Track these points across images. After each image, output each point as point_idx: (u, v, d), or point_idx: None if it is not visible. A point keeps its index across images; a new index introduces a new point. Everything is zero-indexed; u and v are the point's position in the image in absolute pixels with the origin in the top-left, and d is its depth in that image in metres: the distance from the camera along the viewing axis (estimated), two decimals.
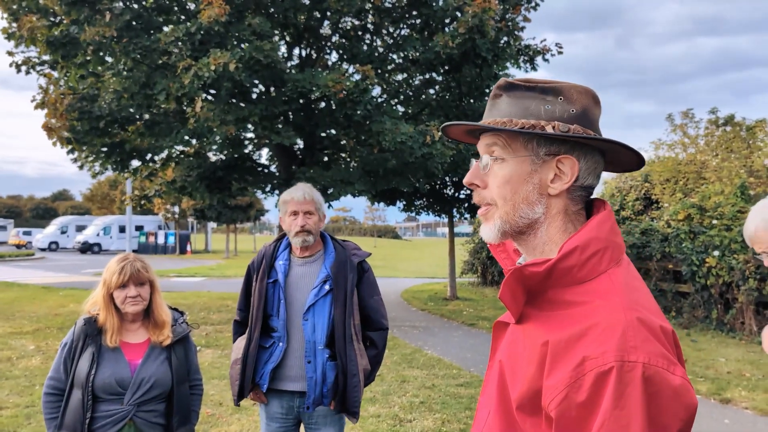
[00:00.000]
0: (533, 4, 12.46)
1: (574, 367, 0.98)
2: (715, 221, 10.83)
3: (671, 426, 0.94)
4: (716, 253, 10.35)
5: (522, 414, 1.07)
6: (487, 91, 12.84)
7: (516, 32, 11.94)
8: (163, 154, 13.61)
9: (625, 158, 1.18)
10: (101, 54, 11.21)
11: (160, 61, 10.60)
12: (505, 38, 11.69)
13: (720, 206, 10.91)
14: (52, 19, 11.34)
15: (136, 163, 13.67)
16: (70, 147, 11.90)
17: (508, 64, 12.61)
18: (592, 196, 1.21)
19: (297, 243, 3.06)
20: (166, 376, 2.76)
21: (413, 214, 17.63)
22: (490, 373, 1.22)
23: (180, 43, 10.12)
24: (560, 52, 12.97)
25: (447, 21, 11.74)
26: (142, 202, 14.52)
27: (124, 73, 11.32)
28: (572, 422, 0.96)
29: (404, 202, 16.36)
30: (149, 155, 13.36)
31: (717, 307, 10.61)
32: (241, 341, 3.12)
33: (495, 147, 1.17)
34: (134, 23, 10.70)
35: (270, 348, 3.05)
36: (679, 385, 0.96)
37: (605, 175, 17.94)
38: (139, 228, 43.82)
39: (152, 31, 11.10)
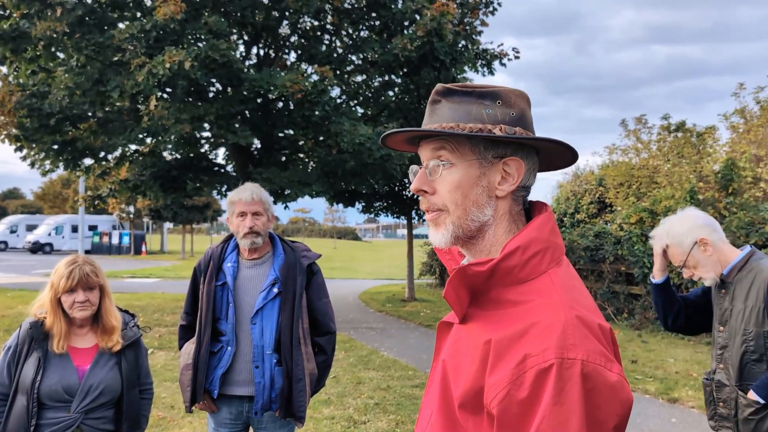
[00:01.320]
0: (491, 8, 12.62)
1: (516, 364, 1.00)
2: None
3: (608, 421, 0.97)
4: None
5: (464, 413, 1.08)
6: None
7: (474, 36, 12.08)
8: (117, 153, 13.35)
9: (558, 157, 1.22)
10: (52, 49, 10.95)
11: (114, 58, 10.41)
12: (463, 42, 11.81)
13: (670, 210, 11.20)
14: (1, 12, 11.02)
15: (88, 161, 13.38)
16: (18, 144, 11.58)
17: (466, 68, 12.73)
18: (529, 197, 1.23)
19: (245, 245, 3.01)
20: (115, 382, 2.70)
21: (372, 216, 17.66)
22: (433, 373, 1.23)
23: (134, 41, 9.94)
24: (517, 57, 13.15)
25: (406, 24, 11.81)
26: (96, 202, 14.19)
27: (77, 69, 11.07)
28: (513, 419, 0.98)
29: (363, 204, 16.37)
30: (102, 153, 13.09)
31: None
32: (190, 345, 3.05)
33: (442, 152, 1.17)
34: (87, 19, 10.46)
35: (218, 353, 2.99)
36: (616, 381, 0.98)
37: (561, 179, 18.27)
38: (92, 228, 42.78)
39: (106, 28, 10.87)
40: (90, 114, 11.69)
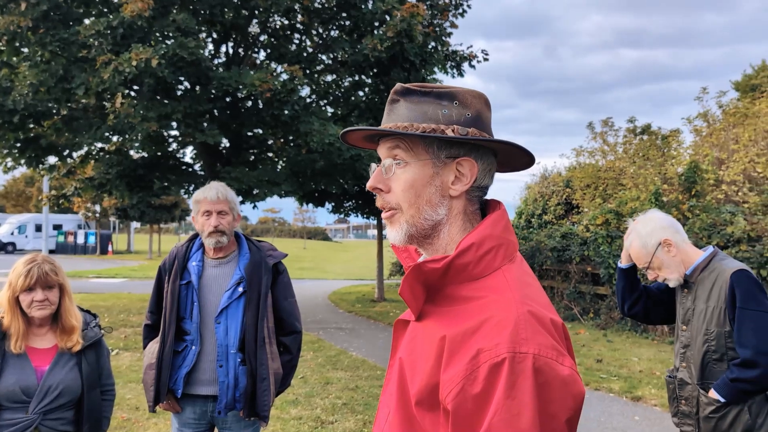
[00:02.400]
0: (461, 11, 12.70)
1: (469, 359, 1.01)
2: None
3: (560, 414, 0.98)
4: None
5: (421, 410, 1.09)
6: None
7: (444, 38, 12.13)
8: (82, 151, 13.13)
9: (516, 159, 1.23)
10: (16, 44, 10.72)
11: (80, 55, 10.23)
12: (433, 43, 11.87)
13: (636, 212, 11.38)
14: None
15: (53, 159, 13.13)
16: None
17: (435, 69, 12.79)
18: (486, 196, 1.25)
19: (210, 244, 2.99)
20: (75, 383, 2.65)
21: (343, 216, 17.64)
22: (390, 372, 1.24)
23: (101, 37, 9.79)
24: (486, 59, 13.25)
25: (376, 24, 11.82)
26: (60, 201, 13.93)
27: (41, 65, 10.85)
28: (468, 413, 0.99)
29: (333, 204, 16.34)
30: (67, 151, 12.85)
31: None
32: (154, 345, 3.03)
33: (397, 151, 1.18)
34: (52, 14, 10.28)
35: (183, 352, 2.97)
36: (568, 375, 1.00)
37: (528, 180, 18.45)
38: (57, 227, 41.96)
39: (71, 23, 10.69)
40: (54, 111, 11.48)
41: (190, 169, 13.62)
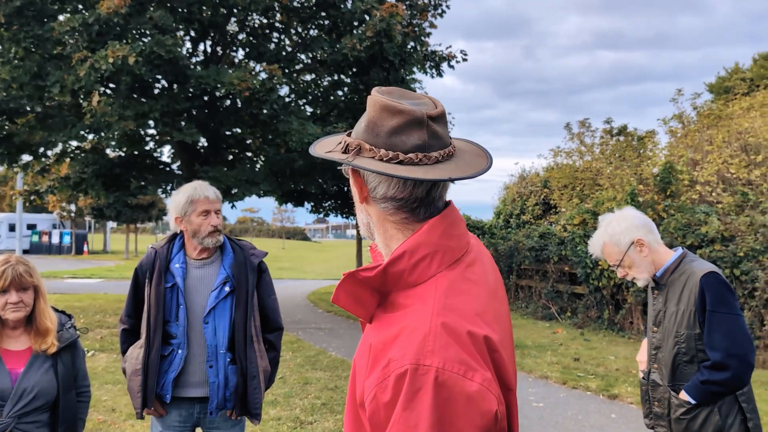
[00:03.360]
0: (440, 11, 12.73)
1: (383, 368, 1.02)
2: None
3: (464, 430, 0.96)
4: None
5: (363, 410, 1.09)
6: None
7: (423, 38, 12.15)
8: (57, 149, 12.95)
9: (466, 168, 1.19)
10: None
11: (54, 52, 10.09)
12: (412, 43, 11.88)
13: (612, 212, 11.51)
14: None
15: (27, 157, 12.93)
16: None
17: (414, 69, 12.81)
18: (438, 205, 1.19)
19: (209, 243, 2.96)
20: (50, 385, 2.61)
21: (322, 216, 17.60)
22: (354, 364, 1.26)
23: (76, 34, 9.66)
24: (465, 59, 13.29)
25: (355, 24, 11.80)
26: (32, 197, 13.72)
27: (14, 62, 10.68)
28: (380, 420, 1.01)
29: (312, 204, 16.30)
30: (41, 150, 12.67)
31: (608, 308, 11.18)
32: (136, 350, 2.95)
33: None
34: (25, 10, 10.12)
35: (169, 356, 2.93)
36: (475, 391, 0.97)
37: (507, 180, 18.53)
38: (31, 227, 41.33)
39: (46, 20, 10.53)
40: (28, 108, 11.31)
41: (168, 169, 13.50)
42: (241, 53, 13.27)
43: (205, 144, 12.61)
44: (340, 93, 13.52)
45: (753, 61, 27.31)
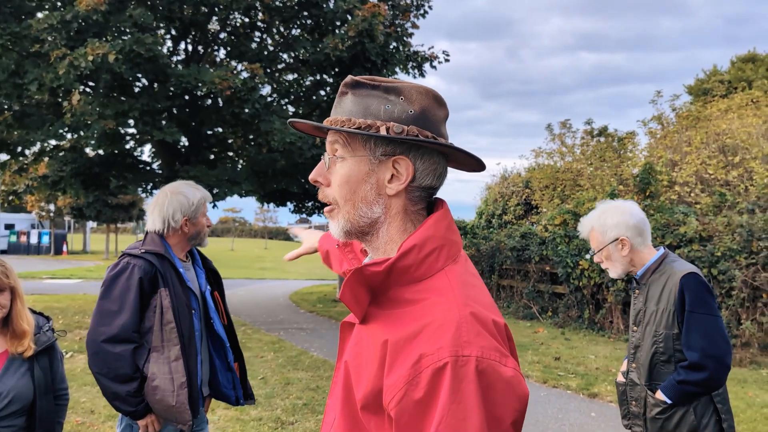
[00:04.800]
0: (422, 11, 12.75)
1: (412, 364, 0.99)
2: None
3: (505, 416, 0.97)
4: (588, 256, 10.98)
5: (366, 414, 1.07)
6: None
7: (405, 38, 12.17)
8: (35, 148, 12.78)
9: (464, 161, 1.20)
10: None
11: (32, 49, 9.96)
12: (394, 43, 11.89)
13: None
14: None
15: (4, 156, 12.76)
16: None
17: (397, 69, 12.82)
18: (435, 196, 1.21)
19: (206, 244, 3.04)
20: (27, 389, 2.57)
21: (304, 216, 17.55)
22: (337, 375, 1.21)
23: (54, 32, 9.55)
24: (447, 60, 13.34)
25: (337, 24, 11.79)
26: (10, 197, 13.54)
27: None
28: (411, 420, 0.98)
29: (294, 204, 16.25)
30: (19, 148, 12.51)
31: (589, 308, 11.27)
32: (161, 365, 2.74)
33: (336, 145, 1.16)
34: (3, 7, 9.98)
35: None
36: (512, 376, 0.99)
37: (489, 181, 18.62)
38: (9, 226, 40.77)
39: (23, 17, 10.39)
40: (6, 107, 11.15)
41: (148, 168, 13.38)
42: (222, 52, 13.21)
43: (186, 143, 12.52)
44: (322, 93, 13.49)
45: (731, 64, 27.69)
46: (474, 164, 1.20)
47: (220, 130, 12.61)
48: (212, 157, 13.26)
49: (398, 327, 1.05)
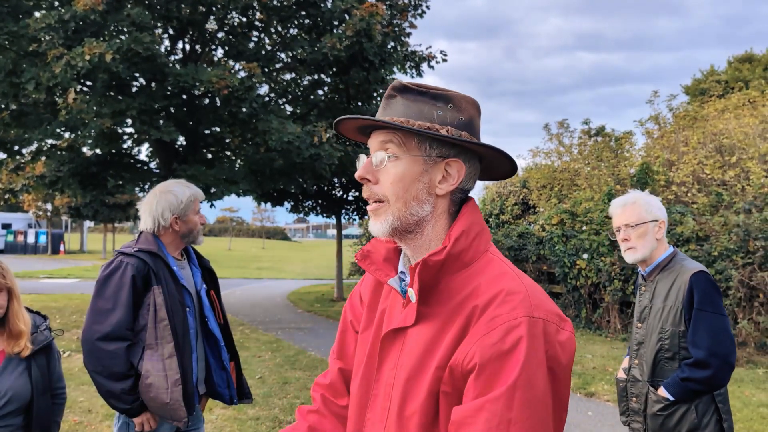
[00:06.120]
0: (420, 11, 12.75)
1: (486, 323, 1.10)
2: (585, 226, 11.53)
3: (561, 373, 1.11)
4: (585, 256, 11.02)
5: (444, 398, 1.14)
6: (375, 94, 13.00)
7: (403, 38, 12.17)
8: (32, 147, 12.76)
9: (498, 167, 1.28)
10: None
11: (30, 48, 9.94)
12: (392, 43, 11.89)
13: (590, 212, 11.61)
14: None
15: (1, 155, 12.74)
16: None
17: (395, 69, 12.82)
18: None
19: (201, 242, 3.02)
20: (24, 389, 2.57)
21: (302, 216, 17.55)
22: (378, 387, 1.25)
23: (51, 31, 9.53)
24: (445, 60, 13.34)
25: (335, 23, 11.79)
26: (7, 196, 13.51)
27: None
28: (494, 367, 1.07)
29: (292, 203, 16.25)
30: (16, 147, 12.49)
31: (586, 307, 11.29)
32: (155, 363, 2.75)
33: (390, 144, 1.20)
34: (0, 6, 9.96)
35: None
36: (567, 339, 1.12)
37: (485, 182, 18.68)
38: (6, 226, 40.70)
39: (21, 16, 10.38)
40: (3, 106, 11.13)
41: (146, 167, 13.36)
42: (220, 52, 13.19)
43: (184, 143, 12.51)
44: (320, 92, 13.50)
45: (728, 64, 27.71)
46: (503, 172, 1.30)
47: (218, 129, 12.59)
48: (210, 156, 13.24)
49: (462, 306, 1.15)
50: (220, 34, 12.82)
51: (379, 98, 13.53)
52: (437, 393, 1.14)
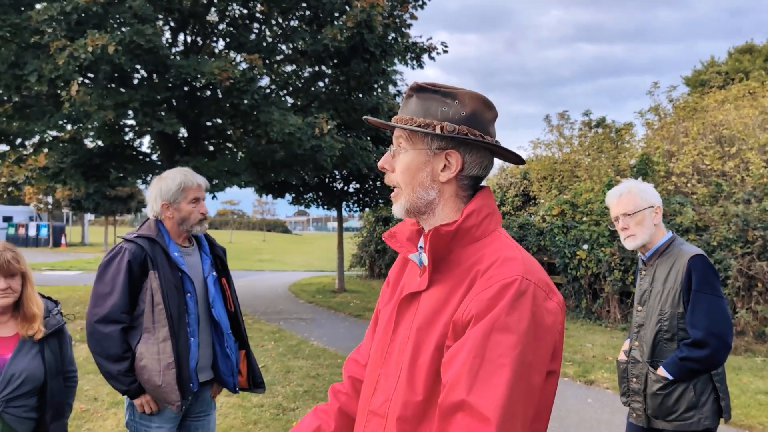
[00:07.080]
0: (420, 2, 12.75)
1: (484, 281, 1.25)
2: (585, 217, 11.59)
3: (544, 335, 1.23)
4: (586, 246, 11.08)
5: (454, 335, 1.27)
6: (376, 85, 13.02)
7: (403, 29, 12.18)
8: (35, 139, 12.80)
9: (508, 155, 1.43)
10: None
11: (32, 40, 9.96)
12: (393, 34, 11.90)
13: (590, 203, 11.68)
14: None
15: (3, 147, 12.79)
16: None
17: (396, 60, 12.84)
18: (482, 184, 1.45)
19: (198, 231, 3.01)
20: (38, 370, 2.64)
21: (303, 208, 17.59)
22: (393, 345, 1.40)
23: (54, 23, 9.55)
24: (445, 51, 13.36)
25: (336, 14, 11.80)
26: (10, 189, 13.59)
27: None
28: (484, 313, 1.21)
29: (293, 195, 16.29)
30: (19, 140, 12.52)
31: (586, 297, 11.36)
32: (150, 346, 2.81)
33: (401, 140, 1.40)
34: None
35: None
36: (552, 308, 1.25)
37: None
38: (7, 219, 40.80)
39: (23, 8, 10.40)
40: (5, 98, 11.17)
41: (148, 159, 13.41)
42: (221, 43, 13.20)
43: (186, 134, 12.54)
44: (321, 84, 13.50)
45: (728, 55, 27.69)
46: (515, 159, 1.44)
47: (219, 121, 12.62)
48: (211, 148, 13.28)
49: (468, 272, 1.30)
50: (221, 26, 12.82)
51: (380, 90, 13.55)
52: (443, 348, 1.28)
